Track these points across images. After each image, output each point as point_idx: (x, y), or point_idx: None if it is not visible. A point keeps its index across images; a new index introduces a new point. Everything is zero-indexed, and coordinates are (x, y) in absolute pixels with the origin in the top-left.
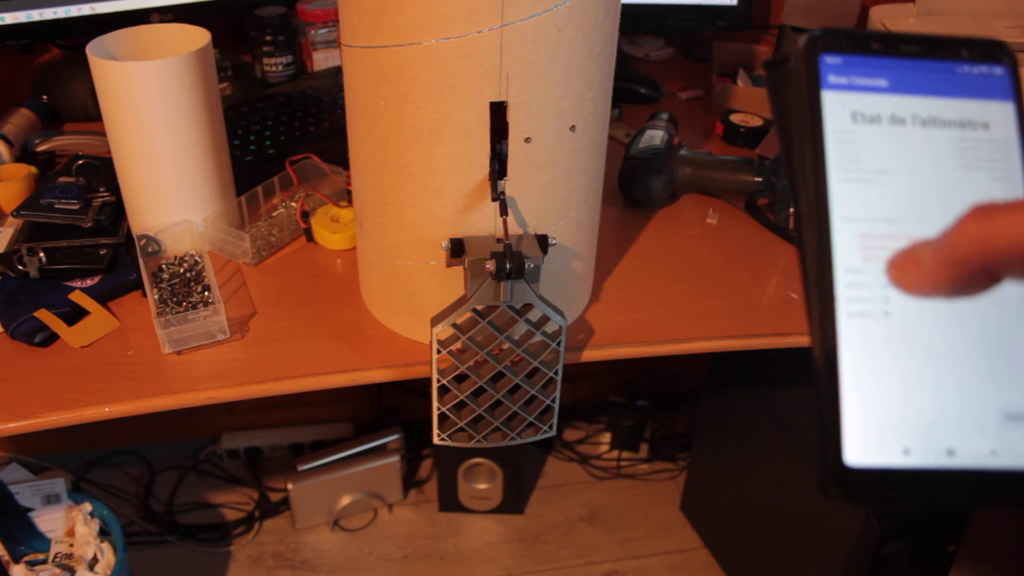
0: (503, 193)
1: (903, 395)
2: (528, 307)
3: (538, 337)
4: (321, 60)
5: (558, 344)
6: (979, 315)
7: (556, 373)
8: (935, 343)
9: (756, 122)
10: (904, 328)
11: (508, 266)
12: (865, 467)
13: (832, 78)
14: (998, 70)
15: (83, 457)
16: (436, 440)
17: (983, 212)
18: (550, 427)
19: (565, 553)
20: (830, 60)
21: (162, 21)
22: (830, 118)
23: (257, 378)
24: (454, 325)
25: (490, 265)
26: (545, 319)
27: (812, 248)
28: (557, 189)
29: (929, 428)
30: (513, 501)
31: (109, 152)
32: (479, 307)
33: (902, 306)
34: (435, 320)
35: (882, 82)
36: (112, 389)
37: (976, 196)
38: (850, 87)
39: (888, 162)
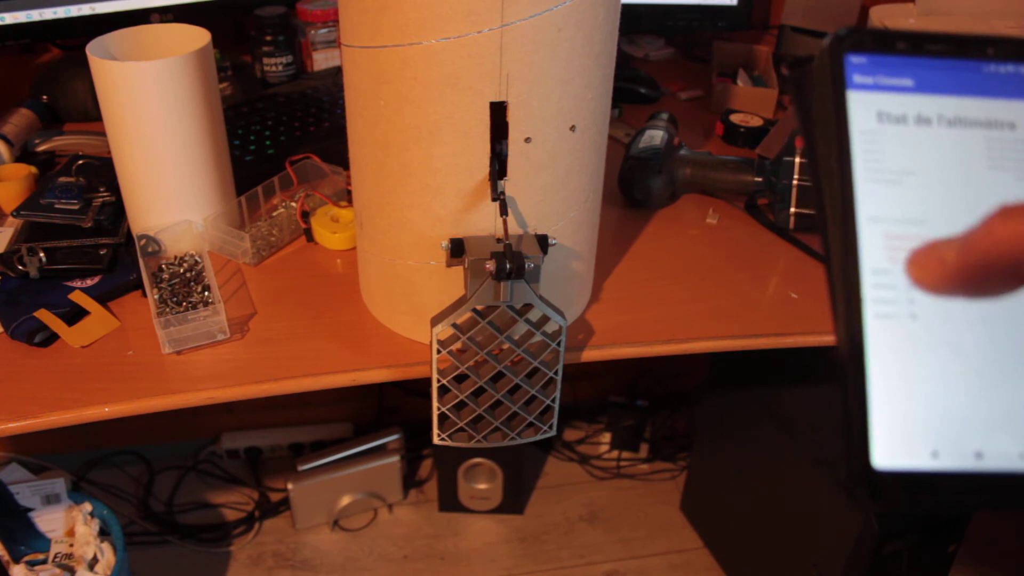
0: (503, 193)
1: (931, 397)
2: (528, 307)
3: (538, 337)
4: (321, 60)
5: (558, 344)
6: (1007, 315)
7: (556, 373)
8: (962, 344)
9: (756, 122)
10: (931, 329)
11: (508, 266)
12: (893, 470)
13: (857, 78)
14: None
15: (83, 457)
16: (436, 440)
17: (1012, 212)
18: (550, 427)
19: (565, 553)
20: (855, 60)
21: (162, 21)
22: (855, 118)
23: (257, 378)
24: (454, 325)
25: (490, 265)
26: (545, 319)
27: (838, 249)
28: (557, 189)
29: (957, 430)
30: (513, 501)
31: (109, 152)
32: (479, 307)
33: (929, 307)
34: (435, 320)
35: (908, 82)
36: (112, 389)
37: (1003, 196)
38: (875, 87)
39: (914, 162)
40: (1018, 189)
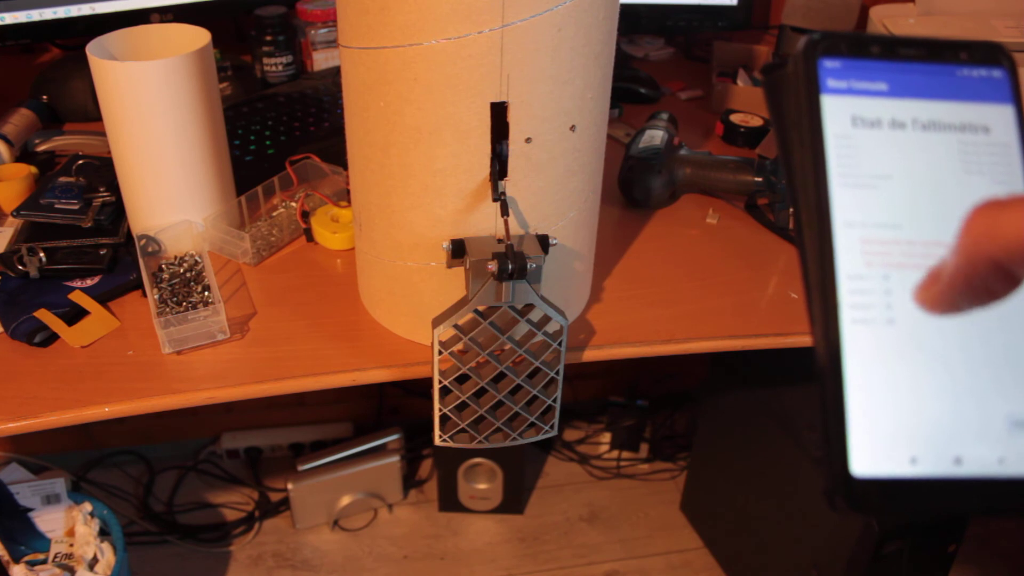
0: (504, 193)
1: (909, 403)
2: (529, 307)
3: (539, 337)
4: (321, 60)
5: (559, 344)
6: (985, 321)
7: (557, 373)
8: (941, 350)
9: (756, 122)
10: (909, 335)
11: (510, 266)
12: (872, 477)
13: (831, 82)
14: (997, 73)
15: (83, 457)
16: (437, 441)
17: (989, 207)
18: (551, 427)
19: (565, 553)
20: (829, 64)
21: (162, 21)
22: (830, 123)
23: (257, 378)
24: (456, 326)
25: (492, 266)
26: (546, 319)
27: (814, 255)
28: (557, 189)
29: (936, 436)
30: (513, 501)
31: (109, 152)
32: (481, 308)
33: (906, 313)
34: (436, 321)
35: (882, 86)
36: (112, 389)
37: (978, 200)
38: (850, 91)
39: (889, 167)
40: (992, 192)
